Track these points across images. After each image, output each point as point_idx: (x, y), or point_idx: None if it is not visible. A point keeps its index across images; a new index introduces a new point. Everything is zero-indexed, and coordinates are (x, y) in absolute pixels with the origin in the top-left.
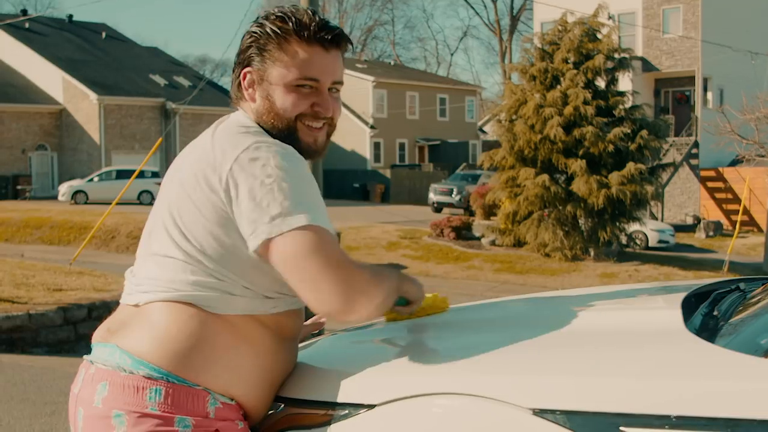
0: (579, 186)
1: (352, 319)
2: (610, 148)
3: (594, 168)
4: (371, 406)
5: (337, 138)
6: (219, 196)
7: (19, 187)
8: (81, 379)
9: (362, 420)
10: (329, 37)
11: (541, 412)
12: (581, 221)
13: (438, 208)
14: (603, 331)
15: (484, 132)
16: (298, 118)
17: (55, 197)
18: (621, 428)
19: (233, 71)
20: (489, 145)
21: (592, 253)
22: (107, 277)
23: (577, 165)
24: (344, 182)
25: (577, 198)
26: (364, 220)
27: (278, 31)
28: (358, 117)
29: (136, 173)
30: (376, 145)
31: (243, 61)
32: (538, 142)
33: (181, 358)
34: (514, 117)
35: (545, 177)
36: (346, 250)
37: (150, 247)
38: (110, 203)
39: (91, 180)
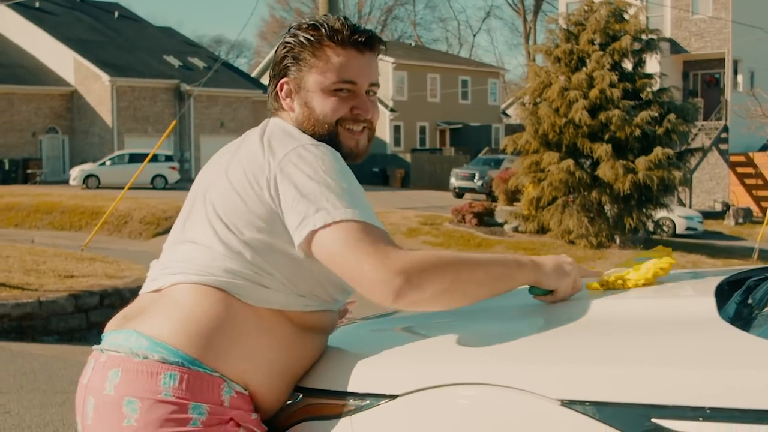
0: (604, 171)
1: (405, 304)
2: (637, 132)
3: (620, 153)
4: (393, 397)
5: None
6: (269, 192)
7: (29, 171)
8: (90, 369)
9: (383, 411)
10: (362, 40)
11: (569, 403)
12: (607, 207)
13: (459, 193)
14: (634, 319)
15: (507, 115)
16: (339, 123)
17: (66, 181)
18: (653, 420)
19: (269, 84)
20: (512, 129)
21: (617, 241)
22: (120, 264)
23: (602, 149)
24: (363, 166)
25: (603, 183)
26: (384, 206)
27: (312, 39)
28: (378, 100)
29: (149, 157)
30: (396, 129)
31: (279, 72)
32: (563, 126)
33: (201, 341)
34: (538, 100)
35: (570, 162)
36: None
37: (185, 235)
38: (123, 188)
39: (103, 164)
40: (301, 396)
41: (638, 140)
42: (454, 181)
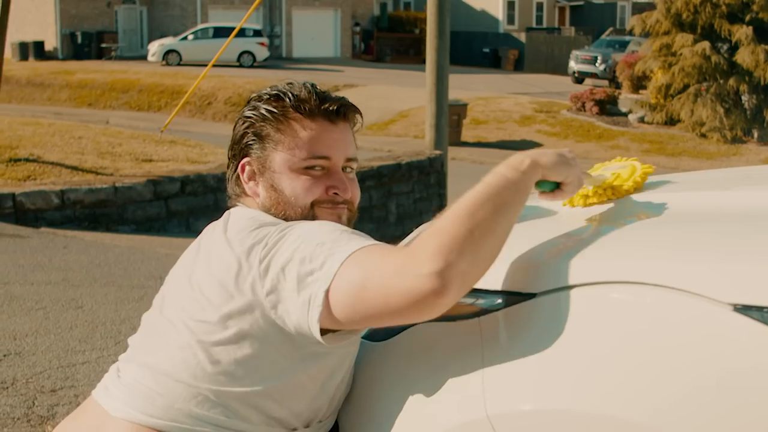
0: (744, 57)
1: (457, 288)
2: None
3: (762, 36)
4: (530, 296)
5: None
6: (260, 307)
7: (103, 46)
8: None
9: (517, 312)
10: (334, 109)
11: (744, 309)
12: (744, 98)
13: (579, 78)
14: None
15: None
16: (314, 205)
17: (144, 57)
18: None
19: (228, 166)
20: (640, 7)
21: (755, 135)
22: (203, 148)
23: (742, 32)
24: (472, 46)
25: (741, 71)
26: (495, 90)
27: (275, 111)
28: None
29: (235, 31)
30: (510, 5)
31: (239, 152)
32: (699, 5)
33: None
34: None
35: (705, 45)
36: (474, 123)
37: (149, 355)
38: (206, 65)
39: (185, 38)
40: None
41: None
42: (573, 65)
